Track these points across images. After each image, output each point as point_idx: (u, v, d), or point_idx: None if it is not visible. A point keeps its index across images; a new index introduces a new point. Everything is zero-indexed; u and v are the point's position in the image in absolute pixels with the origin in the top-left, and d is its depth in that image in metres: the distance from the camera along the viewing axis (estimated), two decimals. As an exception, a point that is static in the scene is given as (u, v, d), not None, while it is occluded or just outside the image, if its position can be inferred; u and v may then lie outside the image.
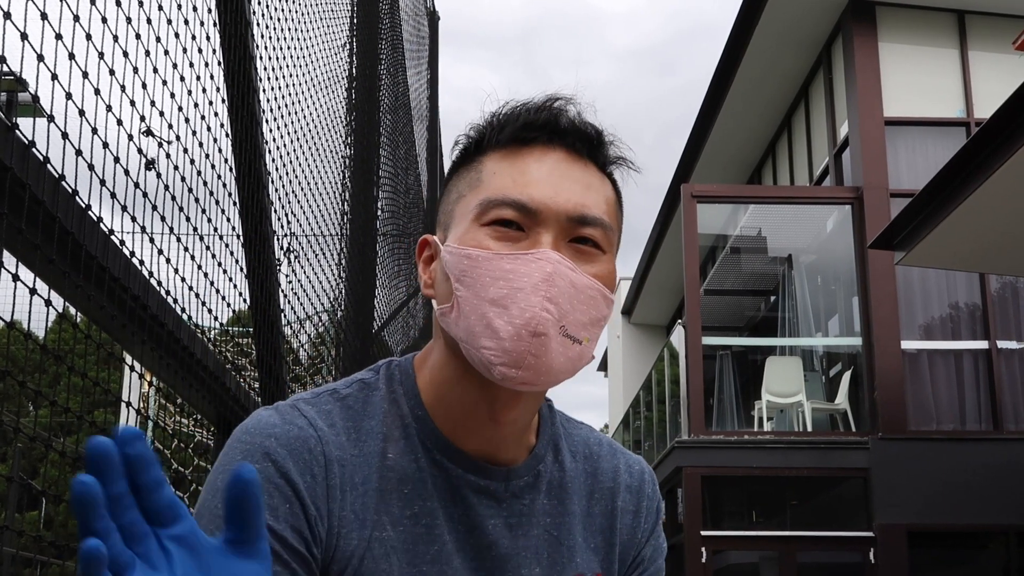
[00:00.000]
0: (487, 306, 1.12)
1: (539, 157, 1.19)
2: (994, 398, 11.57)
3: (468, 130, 1.25)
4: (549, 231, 1.15)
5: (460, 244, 1.16)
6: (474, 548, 1.20)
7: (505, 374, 1.11)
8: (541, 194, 1.15)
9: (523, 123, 1.20)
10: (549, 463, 1.29)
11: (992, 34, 12.72)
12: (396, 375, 1.26)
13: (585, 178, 1.19)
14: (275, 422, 1.16)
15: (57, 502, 1.88)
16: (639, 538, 1.35)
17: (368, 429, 1.20)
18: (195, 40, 2.01)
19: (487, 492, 1.21)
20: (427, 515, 1.18)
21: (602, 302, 1.16)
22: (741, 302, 16.42)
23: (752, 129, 15.95)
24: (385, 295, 5.58)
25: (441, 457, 1.20)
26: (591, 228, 1.17)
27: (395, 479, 1.18)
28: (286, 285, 2.81)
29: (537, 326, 1.10)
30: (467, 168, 1.23)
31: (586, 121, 1.22)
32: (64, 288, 1.48)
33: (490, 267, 1.13)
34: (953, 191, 7.99)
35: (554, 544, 1.25)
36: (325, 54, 3.64)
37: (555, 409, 1.35)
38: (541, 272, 1.11)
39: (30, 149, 1.31)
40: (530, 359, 1.10)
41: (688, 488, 11.54)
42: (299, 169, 3.03)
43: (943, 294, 12.07)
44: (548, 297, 1.11)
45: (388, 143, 5.67)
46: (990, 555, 11.59)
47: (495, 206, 1.16)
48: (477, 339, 1.12)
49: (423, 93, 8.83)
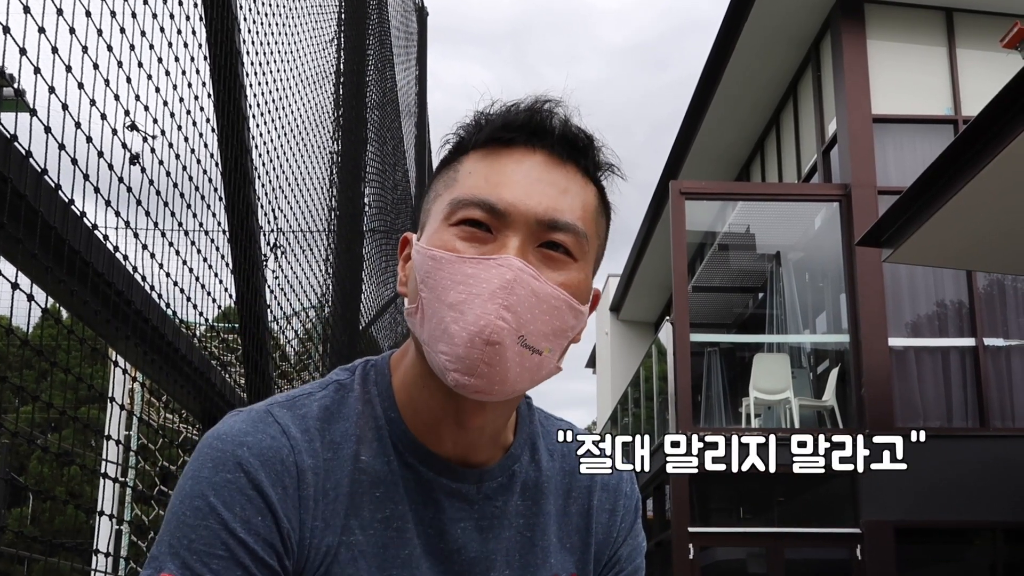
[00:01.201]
0: (446, 310, 1.09)
1: (518, 159, 1.16)
2: (981, 395, 11.60)
3: (456, 129, 1.22)
4: (517, 234, 1.12)
5: (428, 244, 1.14)
6: (443, 552, 1.19)
7: (458, 380, 1.09)
8: (512, 196, 1.13)
9: (502, 123, 1.17)
10: (525, 462, 1.27)
11: (980, 32, 12.74)
12: (371, 375, 1.24)
13: (563, 182, 1.16)
14: (247, 430, 1.14)
15: (44, 499, 1.87)
16: (615, 537, 1.33)
17: (342, 432, 1.18)
18: (181, 34, 2.00)
19: (459, 495, 1.20)
20: (398, 518, 1.16)
21: (567, 312, 1.13)
22: (729, 299, 16.43)
23: (741, 126, 15.96)
24: (372, 291, 5.57)
25: (413, 460, 1.19)
26: (562, 234, 1.14)
27: (367, 482, 1.16)
28: (273, 281, 2.80)
29: (491, 334, 1.07)
30: (448, 168, 1.20)
31: (571, 124, 1.19)
32: (47, 283, 1.47)
33: (452, 270, 1.10)
34: (940, 189, 8.00)
35: (527, 545, 1.24)
36: (312, 49, 3.63)
37: (534, 407, 1.33)
38: (500, 279, 1.08)
39: (12, 143, 1.30)
40: (483, 367, 1.08)
41: (675, 485, 11.55)
42: (286, 164, 3.02)
43: (930, 291, 12.09)
44: (506, 305, 1.08)
45: (376, 139, 5.66)
46: (977, 551, 11.63)
47: (464, 206, 1.13)
48: (436, 343, 1.10)
49: (411, 89, 8.81)
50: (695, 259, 15.50)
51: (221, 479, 1.10)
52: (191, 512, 1.09)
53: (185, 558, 1.07)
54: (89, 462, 7.71)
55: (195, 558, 1.07)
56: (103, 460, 4.05)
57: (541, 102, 1.19)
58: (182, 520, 1.09)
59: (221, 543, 1.07)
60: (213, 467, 1.11)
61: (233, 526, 1.08)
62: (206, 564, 1.07)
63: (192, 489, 1.10)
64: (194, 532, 1.08)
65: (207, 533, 1.08)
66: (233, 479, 1.10)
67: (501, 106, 1.20)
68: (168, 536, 1.09)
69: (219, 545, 1.07)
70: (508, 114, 1.18)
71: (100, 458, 6.96)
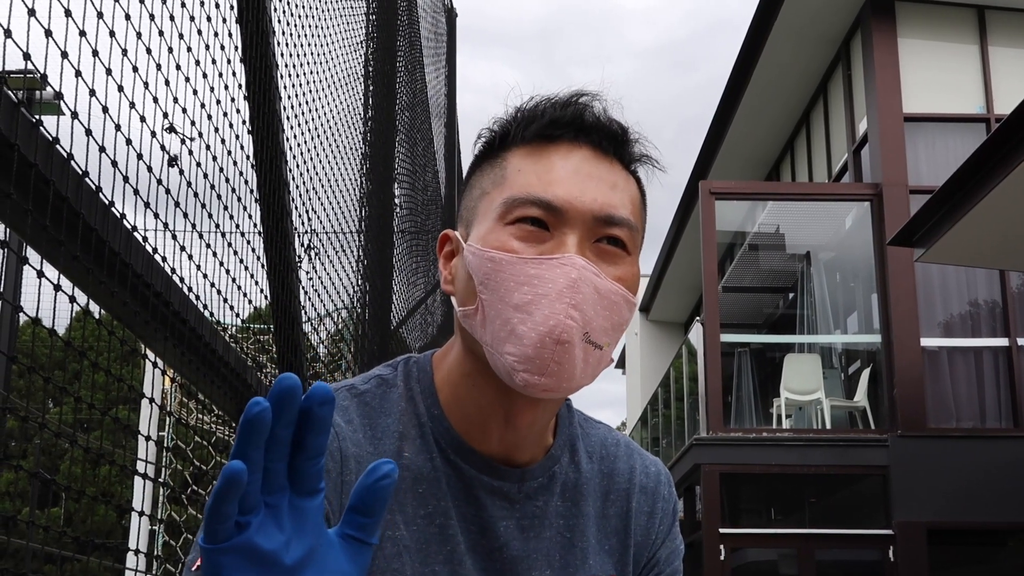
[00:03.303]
0: (511, 311, 1.09)
1: (564, 155, 1.16)
2: (1014, 395, 11.50)
3: (492, 124, 1.22)
4: (575, 231, 1.12)
5: (483, 245, 1.13)
6: (486, 549, 1.19)
7: (528, 380, 1.09)
8: (567, 193, 1.13)
9: (549, 120, 1.17)
10: (565, 464, 1.27)
11: (1012, 30, 12.65)
12: (414, 372, 1.24)
13: (611, 177, 1.17)
14: None
15: (78, 497, 1.89)
16: (653, 539, 1.33)
17: (384, 427, 1.19)
18: (217, 37, 2.01)
19: (500, 493, 1.20)
20: (441, 514, 1.17)
21: (624, 307, 1.14)
22: (759, 299, 16.36)
23: (770, 125, 15.89)
24: (403, 292, 5.59)
25: (455, 457, 1.19)
26: (617, 228, 1.14)
27: (410, 478, 1.17)
28: (306, 282, 2.81)
29: (561, 334, 1.07)
30: (490, 164, 1.20)
31: (612, 118, 1.19)
32: (88, 284, 1.49)
33: (514, 271, 1.10)
34: (973, 188, 7.95)
35: (567, 546, 1.24)
36: (344, 51, 3.65)
37: (573, 408, 1.33)
38: (566, 278, 1.09)
39: (54, 146, 1.32)
40: (553, 366, 1.08)
41: (706, 485, 11.52)
42: (319, 166, 3.04)
43: (963, 291, 12.00)
44: (573, 304, 1.08)
45: (406, 140, 5.68)
46: (1009, 553, 11.53)
47: (520, 204, 1.13)
48: (501, 344, 1.10)
49: (441, 90, 8.83)
50: (725, 259, 15.45)
51: None
52: None
53: None
54: (122, 460, 7.74)
55: None
56: (137, 459, 4.09)
57: (580, 95, 1.19)
58: None
59: None
60: None
61: None
62: None
63: None
64: None
65: None
66: None
67: (539, 100, 1.20)
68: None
69: None
70: (552, 110, 1.18)
71: (135, 457, 7.01)
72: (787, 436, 11.78)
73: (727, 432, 11.87)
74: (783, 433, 11.96)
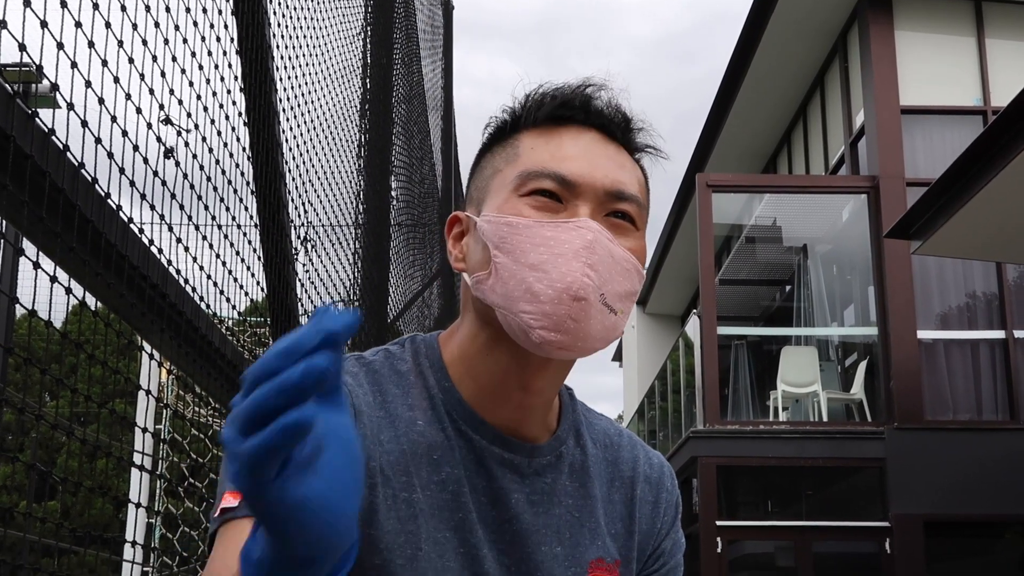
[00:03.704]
0: (527, 271, 1.12)
1: (574, 136, 1.21)
2: (1011, 388, 11.52)
3: (501, 111, 1.26)
4: (587, 203, 1.16)
5: (499, 213, 1.17)
6: (496, 521, 1.20)
7: (544, 337, 1.11)
8: (579, 168, 1.17)
9: (560, 102, 1.22)
10: (571, 446, 1.29)
11: (1009, 22, 12.64)
12: (422, 348, 1.27)
13: (618, 157, 1.21)
14: None
15: (75, 490, 1.89)
16: (659, 528, 1.35)
17: (394, 395, 1.20)
18: (213, 29, 2.01)
19: (511, 465, 1.22)
20: (454, 482, 1.18)
21: (635, 276, 1.17)
22: (756, 292, 16.37)
23: (767, 118, 15.90)
24: (400, 285, 5.59)
25: (466, 428, 1.21)
26: (627, 203, 1.19)
27: (424, 444, 1.18)
28: (303, 274, 2.81)
29: (579, 290, 1.10)
30: (501, 146, 1.24)
31: (619, 106, 1.24)
32: (84, 276, 1.48)
33: (531, 234, 1.13)
34: (970, 180, 7.95)
35: (576, 525, 1.25)
36: (340, 43, 3.64)
37: (575, 397, 1.35)
38: (582, 239, 1.12)
39: (49, 137, 1.32)
40: (570, 323, 1.11)
41: (703, 478, 11.53)
42: (315, 159, 3.03)
43: (960, 283, 12.02)
44: (589, 264, 1.11)
45: (403, 132, 5.67)
46: (1006, 545, 11.56)
47: (534, 177, 1.17)
48: (516, 303, 1.12)
49: (438, 83, 8.82)
50: (722, 252, 15.46)
51: None
52: None
53: None
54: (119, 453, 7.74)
55: None
56: (134, 451, 4.08)
57: (588, 84, 1.24)
58: None
59: None
60: None
61: None
62: None
63: None
64: None
65: None
66: None
67: (549, 87, 1.24)
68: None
69: None
70: (564, 94, 1.23)
71: (132, 450, 7.01)
72: (784, 429, 11.80)
73: (724, 425, 11.89)
74: (780, 426, 11.98)
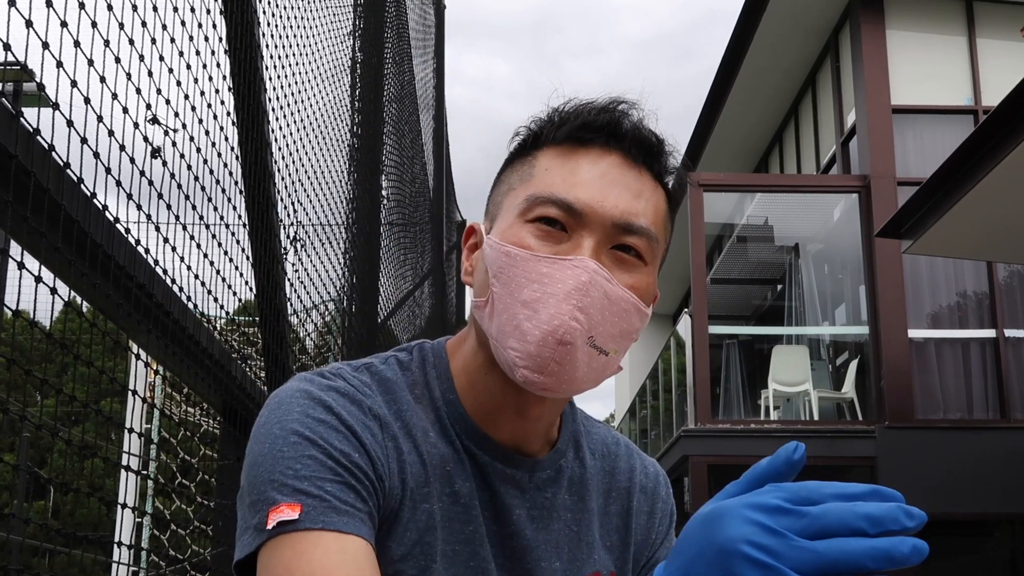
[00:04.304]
0: (518, 307, 1.11)
1: (594, 159, 1.17)
2: (1001, 387, 11.54)
3: (528, 123, 1.23)
4: (592, 235, 1.13)
5: (502, 239, 1.15)
6: (499, 535, 1.20)
7: (527, 377, 1.10)
8: (588, 196, 1.13)
9: (582, 123, 1.18)
10: (570, 459, 1.29)
11: (1000, 21, 12.66)
12: (429, 358, 1.25)
13: (637, 185, 1.17)
14: (329, 381, 1.15)
15: (64, 491, 1.88)
16: (653, 539, 1.35)
17: (408, 404, 1.19)
18: (201, 27, 2.00)
19: (512, 481, 1.21)
20: (466, 495, 1.18)
21: (635, 315, 1.15)
22: (748, 291, 16.39)
23: (759, 117, 15.91)
24: (391, 284, 5.58)
25: (469, 442, 1.20)
26: (635, 237, 1.15)
27: (439, 455, 1.18)
28: (292, 274, 2.80)
29: (564, 334, 1.08)
30: (521, 162, 1.21)
31: (647, 128, 1.20)
32: (70, 276, 1.48)
33: (526, 268, 1.11)
34: (960, 179, 7.96)
35: (574, 540, 1.25)
36: (331, 42, 3.63)
37: (576, 407, 1.35)
38: (576, 280, 1.10)
39: (35, 137, 1.31)
40: (553, 366, 1.09)
41: (694, 477, 11.54)
42: (305, 157, 3.02)
43: (950, 282, 12.03)
44: (580, 307, 1.09)
45: (394, 132, 5.66)
46: (997, 544, 11.58)
47: (541, 203, 1.14)
48: (506, 338, 1.11)
49: (429, 82, 8.81)
50: (713, 251, 15.47)
51: (314, 419, 1.09)
52: (288, 448, 1.07)
53: (295, 486, 1.04)
54: (110, 455, 7.75)
55: (307, 484, 1.04)
56: (124, 452, 4.07)
57: (617, 102, 1.19)
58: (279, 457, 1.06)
59: (329, 469, 1.06)
60: (302, 410, 1.10)
61: (337, 456, 1.07)
62: (320, 487, 1.04)
63: (284, 429, 1.08)
64: (298, 463, 1.05)
65: (312, 463, 1.06)
66: (326, 419, 1.09)
67: (576, 104, 1.20)
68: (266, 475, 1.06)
69: (327, 471, 1.05)
70: (586, 113, 1.18)
71: (121, 451, 6.99)
72: (775, 428, 11.81)
73: (715, 424, 11.90)
74: (771, 425, 11.99)
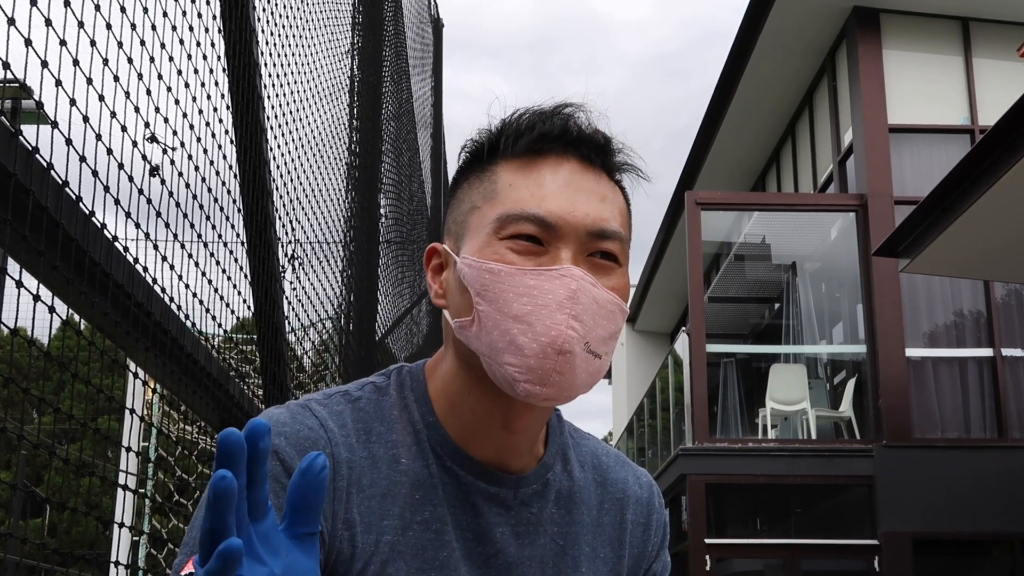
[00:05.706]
0: (511, 322, 1.10)
1: (553, 168, 1.17)
2: (999, 406, 11.54)
3: (476, 135, 1.23)
4: (568, 246, 1.13)
5: (480, 257, 1.14)
6: (481, 556, 1.19)
7: (530, 391, 1.10)
8: (559, 207, 1.14)
9: (539, 134, 1.18)
10: (558, 472, 1.28)
11: (997, 41, 12.71)
12: (407, 381, 1.25)
13: (599, 189, 1.18)
14: (285, 420, 1.14)
15: (61, 509, 1.88)
16: (649, 551, 1.35)
17: (379, 432, 1.19)
18: (200, 47, 2.00)
19: (496, 499, 1.21)
20: (437, 521, 1.17)
21: (620, 316, 1.15)
22: (745, 309, 16.39)
23: (756, 136, 15.94)
24: (389, 302, 5.58)
25: (451, 463, 1.20)
26: (609, 242, 1.16)
27: (407, 483, 1.17)
28: (290, 292, 2.80)
29: (563, 344, 1.09)
30: (479, 177, 1.20)
31: (596, 129, 1.20)
32: (68, 294, 1.47)
33: (513, 282, 1.11)
34: (957, 198, 7.98)
35: (559, 553, 1.25)
36: (329, 60, 3.64)
37: (563, 419, 1.34)
38: (566, 289, 1.10)
39: (33, 155, 1.31)
40: (555, 376, 1.10)
41: (692, 496, 11.52)
42: (303, 175, 3.03)
43: (948, 301, 12.04)
44: (573, 315, 1.10)
45: (392, 150, 5.67)
46: (995, 563, 11.56)
47: (514, 220, 1.14)
48: (500, 355, 1.11)
49: (427, 100, 8.83)
50: (711, 269, 15.48)
51: None
52: None
53: None
54: (108, 473, 7.72)
55: None
56: (121, 471, 4.06)
57: (564, 106, 1.20)
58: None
59: None
60: None
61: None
62: None
63: None
64: None
65: None
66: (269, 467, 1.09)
67: (523, 112, 1.20)
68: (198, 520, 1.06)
69: None
70: (541, 123, 1.19)
71: (118, 469, 6.98)
72: (773, 446, 11.79)
73: (713, 442, 11.88)
74: (769, 443, 11.97)
